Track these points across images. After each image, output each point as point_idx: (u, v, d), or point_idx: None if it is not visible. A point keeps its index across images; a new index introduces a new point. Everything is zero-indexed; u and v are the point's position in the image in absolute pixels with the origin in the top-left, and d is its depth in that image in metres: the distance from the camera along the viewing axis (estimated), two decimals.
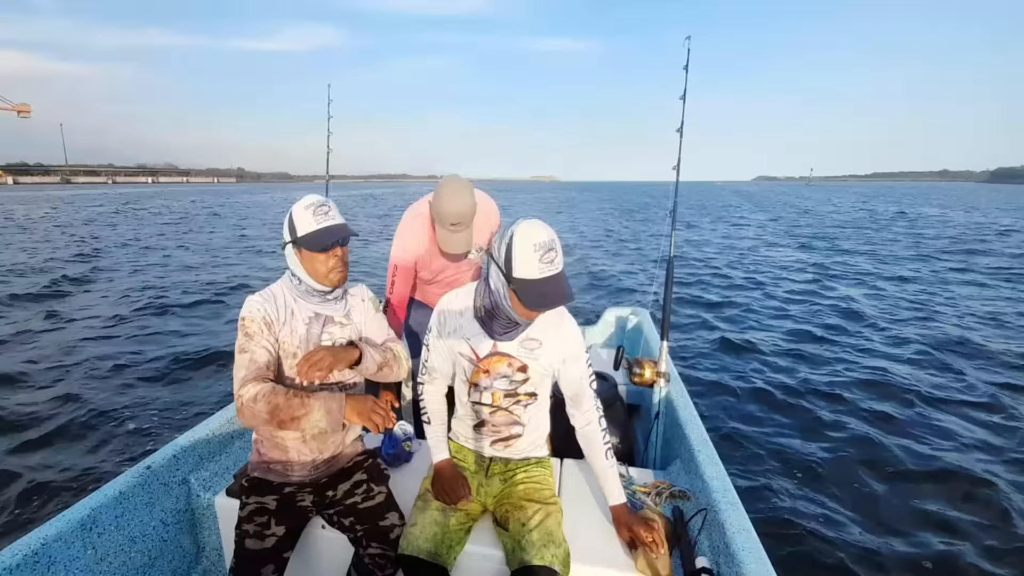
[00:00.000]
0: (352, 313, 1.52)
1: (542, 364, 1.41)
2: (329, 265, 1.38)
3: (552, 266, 1.21)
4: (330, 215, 1.37)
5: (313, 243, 1.34)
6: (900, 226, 19.98)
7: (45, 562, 1.26)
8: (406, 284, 2.02)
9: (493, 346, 1.40)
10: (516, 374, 1.41)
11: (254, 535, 1.33)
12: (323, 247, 1.35)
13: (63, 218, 23.37)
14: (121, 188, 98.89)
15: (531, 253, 1.20)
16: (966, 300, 7.53)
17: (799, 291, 8.19)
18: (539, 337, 1.40)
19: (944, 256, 12.00)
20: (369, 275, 9.75)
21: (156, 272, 10.19)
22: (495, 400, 1.45)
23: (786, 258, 11.86)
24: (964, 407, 3.95)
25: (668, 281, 2.08)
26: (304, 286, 1.42)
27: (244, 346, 1.35)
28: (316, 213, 1.35)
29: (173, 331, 6.19)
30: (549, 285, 1.21)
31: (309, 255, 1.36)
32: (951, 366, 4.82)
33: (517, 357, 1.40)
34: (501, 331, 1.38)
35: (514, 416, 1.47)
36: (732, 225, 20.58)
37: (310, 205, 1.36)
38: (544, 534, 1.29)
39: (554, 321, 1.41)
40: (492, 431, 1.50)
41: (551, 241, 1.22)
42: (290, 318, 1.41)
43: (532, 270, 1.20)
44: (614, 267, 10.71)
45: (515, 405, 1.46)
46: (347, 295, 1.54)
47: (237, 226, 20.48)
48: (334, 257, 1.38)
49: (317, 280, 1.40)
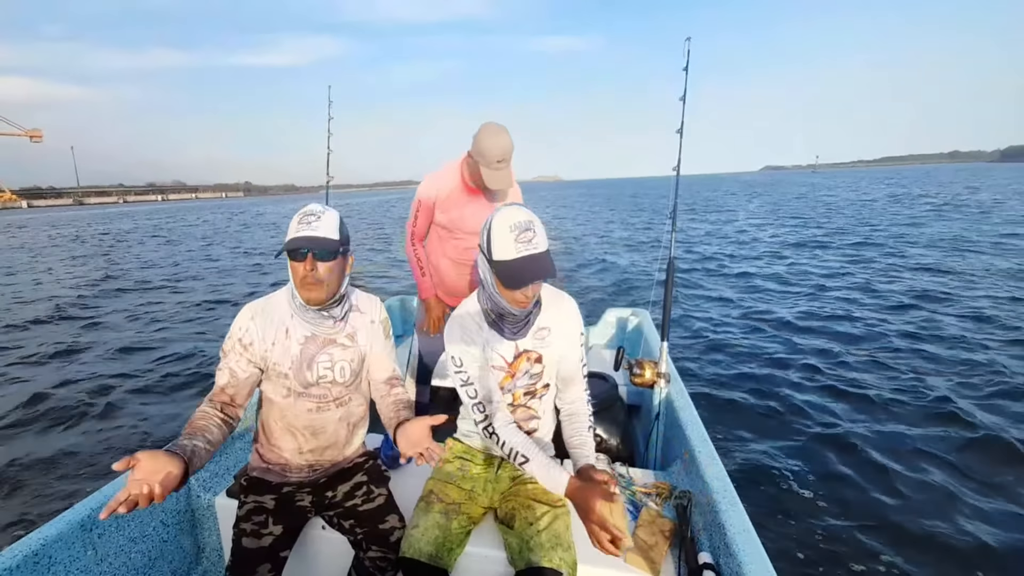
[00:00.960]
0: (358, 335, 1.46)
1: (554, 350, 1.42)
2: (300, 275, 1.29)
3: (530, 245, 1.22)
4: (313, 225, 1.27)
5: (290, 247, 1.28)
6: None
7: (45, 563, 1.26)
8: (426, 220, 2.15)
9: (515, 347, 1.40)
10: (534, 367, 1.42)
11: (251, 534, 1.32)
12: (300, 253, 1.27)
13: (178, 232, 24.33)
14: (167, 204, 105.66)
15: (507, 234, 1.23)
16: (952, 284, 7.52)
17: (798, 292, 8.18)
18: (548, 324, 1.42)
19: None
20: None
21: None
22: (516, 399, 1.45)
23: (788, 253, 11.86)
24: (985, 404, 3.94)
25: (668, 281, 2.08)
26: (297, 300, 1.36)
27: (221, 360, 1.37)
28: (301, 221, 1.29)
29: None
30: (527, 262, 1.22)
31: (290, 263, 1.31)
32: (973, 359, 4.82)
33: (534, 350, 1.41)
34: (516, 329, 1.38)
35: (532, 411, 1.48)
36: (723, 223, 20.64)
37: (301, 212, 1.31)
38: (552, 536, 1.28)
39: (555, 302, 1.44)
40: None
41: (528, 222, 1.24)
42: (283, 337, 1.36)
43: (509, 250, 1.23)
44: (613, 268, 10.71)
45: (532, 399, 1.46)
46: (353, 311, 1.46)
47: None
48: (305, 269, 1.27)
49: (299, 292, 1.33)
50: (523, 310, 1.33)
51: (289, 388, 1.40)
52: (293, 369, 1.38)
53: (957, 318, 6.19)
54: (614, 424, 2.12)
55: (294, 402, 1.41)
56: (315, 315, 1.38)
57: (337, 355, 1.43)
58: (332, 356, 1.42)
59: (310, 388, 1.41)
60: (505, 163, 1.91)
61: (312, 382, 1.41)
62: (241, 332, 1.34)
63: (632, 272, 10.19)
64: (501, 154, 1.89)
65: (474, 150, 1.93)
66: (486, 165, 1.91)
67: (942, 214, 17.68)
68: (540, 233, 1.26)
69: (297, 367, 1.38)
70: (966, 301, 6.87)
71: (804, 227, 15.70)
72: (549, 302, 1.43)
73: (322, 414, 1.44)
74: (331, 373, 1.43)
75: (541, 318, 1.41)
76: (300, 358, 1.38)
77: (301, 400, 1.41)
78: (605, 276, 9.83)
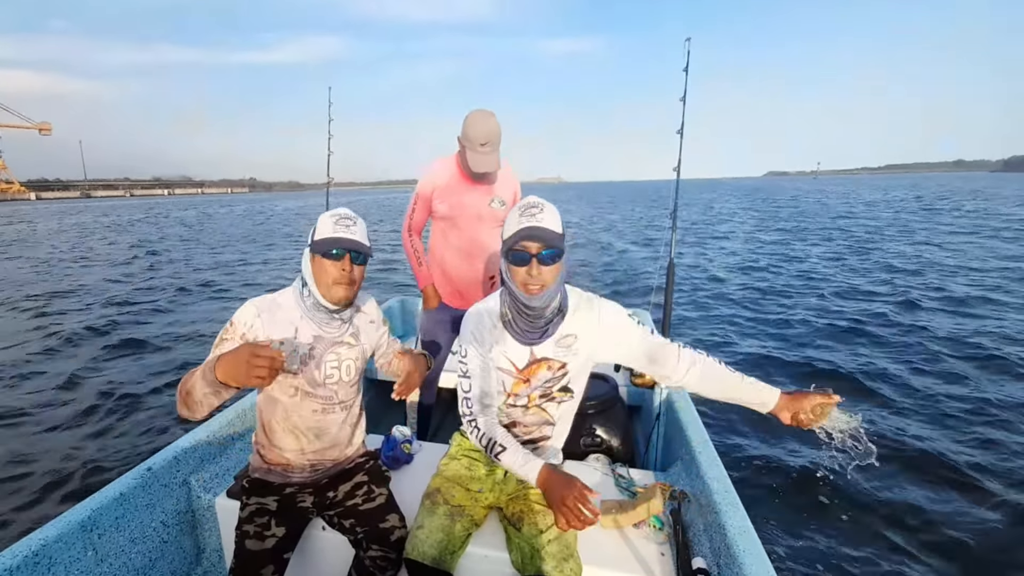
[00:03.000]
0: (360, 334, 1.50)
1: (581, 358, 1.38)
2: (333, 275, 1.33)
3: (533, 219, 1.24)
4: (351, 229, 1.34)
5: (325, 247, 1.32)
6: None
7: (45, 563, 1.26)
8: (423, 212, 2.18)
9: (531, 354, 1.37)
10: (557, 373, 1.40)
11: (254, 536, 1.32)
12: (333, 252, 1.32)
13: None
14: (173, 198, 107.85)
15: (515, 214, 1.27)
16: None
17: (798, 291, 8.18)
18: (574, 331, 1.36)
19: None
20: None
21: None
22: (530, 401, 1.43)
23: (790, 251, 11.89)
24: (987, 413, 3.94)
25: (669, 282, 2.08)
26: (311, 299, 1.38)
27: (216, 345, 1.30)
28: (338, 223, 1.34)
29: None
30: (528, 231, 1.23)
31: (320, 261, 1.33)
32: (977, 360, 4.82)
33: (556, 359, 1.37)
34: (534, 332, 1.34)
35: (546, 415, 1.45)
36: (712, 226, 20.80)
37: (335, 215, 1.35)
38: (563, 546, 1.27)
39: (584, 307, 1.37)
40: (523, 431, 1.48)
41: (538, 202, 1.27)
42: (292, 337, 1.38)
43: (514, 226, 1.26)
44: (614, 267, 10.71)
45: (549, 403, 1.44)
46: (357, 313, 1.51)
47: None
48: (342, 270, 1.33)
49: (322, 291, 1.35)
50: (537, 305, 1.28)
51: (297, 387, 1.41)
52: (300, 368, 1.39)
53: (958, 314, 6.20)
54: (614, 425, 2.12)
55: (300, 402, 1.42)
56: (327, 316, 1.40)
57: (344, 354, 1.46)
58: (339, 355, 1.45)
59: (317, 388, 1.43)
60: (490, 146, 1.94)
61: (320, 382, 1.43)
62: (245, 328, 1.34)
63: (631, 272, 10.20)
64: (486, 137, 1.92)
65: (461, 134, 1.99)
66: (471, 148, 1.95)
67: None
68: (550, 212, 1.26)
69: (306, 368, 1.39)
70: (963, 291, 6.89)
71: (798, 230, 15.90)
72: (577, 308, 1.37)
73: (327, 416, 1.46)
74: (338, 372, 1.45)
75: (566, 325, 1.35)
76: (309, 357, 1.40)
77: (307, 401, 1.43)
78: (605, 276, 9.83)
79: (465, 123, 1.97)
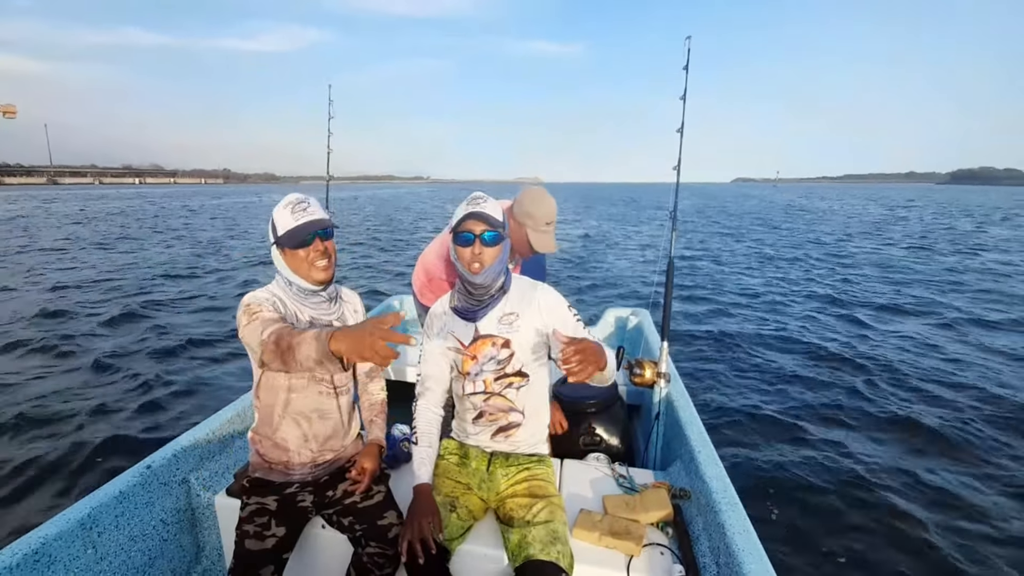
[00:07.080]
0: (347, 320, 1.52)
1: (523, 335, 1.45)
2: (310, 260, 1.36)
3: (479, 206, 1.38)
4: (308, 211, 1.35)
5: (292, 240, 1.33)
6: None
7: (45, 561, 1.26)
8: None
9: (475, 331, 1.48)
10: (501, 351, 1.46)
11: (254, 535, 1.33)
12: (302, 242, 1.33)
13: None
14: (146, 188, 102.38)
15: (463, 204, 1.41)
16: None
17: (796, 293, 8.19)
18: (515, 310, 1.47)
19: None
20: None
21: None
22: (487, 386, 1.49)
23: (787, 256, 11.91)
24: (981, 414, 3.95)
25: (668, 281, 2.08)
26: (295, 287, 1.40)
27: (252, 319, 1.26)
28: (295, 211, 1.34)
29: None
30: (471, 215, 1.36)
31: (292, 253, 1.35)
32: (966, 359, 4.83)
33: (499, 335, 1.46)
34: (475, 306, 1.46)
35: (509, 401, 1.50)
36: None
37: (288, 203, 1.36)
38: (550, 531, 1.30)
39: (527, 289, 1.50)
40: (490, 420, 1.52)
41: (482, 194, 1.42)
42: (296, 322, 1.40)
43: (461, 211, 1.39)
44: (613, 268, 10.72)
45: (507, 388, 1.49)
46: (340, 299, 1.53)
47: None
48: (316, 251, 1.36)
49: (304, 278, 1.38)
50: (479, 282, 1.40)
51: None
52: None
53: (955, 328, 6.21)
54: (614, 424, 2.12)
55: (307, 385, 1.44)
56: (317, 298, 1.44)
57: None
58: None
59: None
60: (553, 225, 1.91)
61: None
62: (272, 303, 1.35)
63: (630, 272, 10.19)
64: (550, 216, 1.89)
65: (520, 213, 1.89)
66: (534, 228, 1.87)
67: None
68: (492, 203, 1.40)
69: None
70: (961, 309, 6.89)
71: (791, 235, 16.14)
72: (519, 289, 1.50)
73: (329, 400, 1.49)
74: None
75: (508, 304, 1.47)
76: None
77: (313, 384, 1.45)
78: (605, 276, 9.83)
79: (524, 203, 1.88)
